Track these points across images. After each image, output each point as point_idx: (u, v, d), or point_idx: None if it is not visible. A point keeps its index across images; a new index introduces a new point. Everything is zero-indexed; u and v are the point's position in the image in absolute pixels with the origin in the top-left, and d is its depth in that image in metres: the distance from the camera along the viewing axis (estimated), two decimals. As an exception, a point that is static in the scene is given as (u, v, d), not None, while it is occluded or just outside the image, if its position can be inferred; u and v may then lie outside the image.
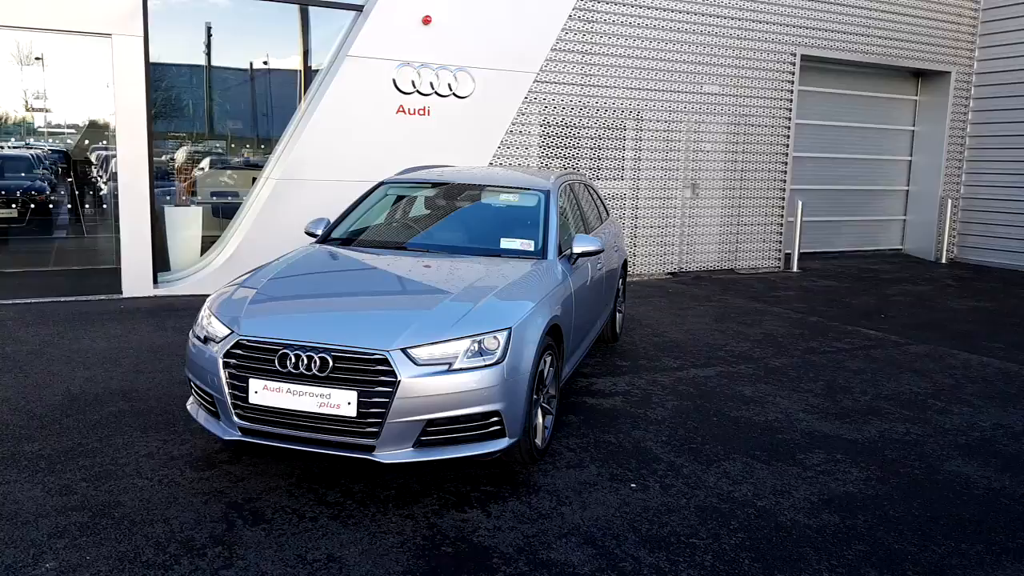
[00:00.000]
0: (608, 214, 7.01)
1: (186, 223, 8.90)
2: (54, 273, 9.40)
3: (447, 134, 8.95)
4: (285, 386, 3.58)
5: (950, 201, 13.02)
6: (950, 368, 6.45)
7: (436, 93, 8.89)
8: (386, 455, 3.57)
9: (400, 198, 5.55)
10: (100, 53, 7.74)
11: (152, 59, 7.80)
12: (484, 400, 3.64)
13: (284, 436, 3.65)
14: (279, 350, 3.61)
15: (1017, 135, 12.46)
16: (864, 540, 3.49)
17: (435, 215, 5.41)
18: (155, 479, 3.87)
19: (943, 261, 13.06)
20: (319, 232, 5.19)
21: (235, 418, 3.70)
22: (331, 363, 3.55)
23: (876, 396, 5.62)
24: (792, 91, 11.36)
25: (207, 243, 8.99)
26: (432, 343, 3.61)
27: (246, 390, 3.64)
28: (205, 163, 11.03)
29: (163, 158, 11.30)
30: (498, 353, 3.70)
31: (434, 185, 5.56)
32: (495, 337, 3.73)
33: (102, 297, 8.04)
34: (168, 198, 9.32)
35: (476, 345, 3.69)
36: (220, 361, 3.71)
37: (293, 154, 8.39)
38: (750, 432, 4.79)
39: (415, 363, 3.55)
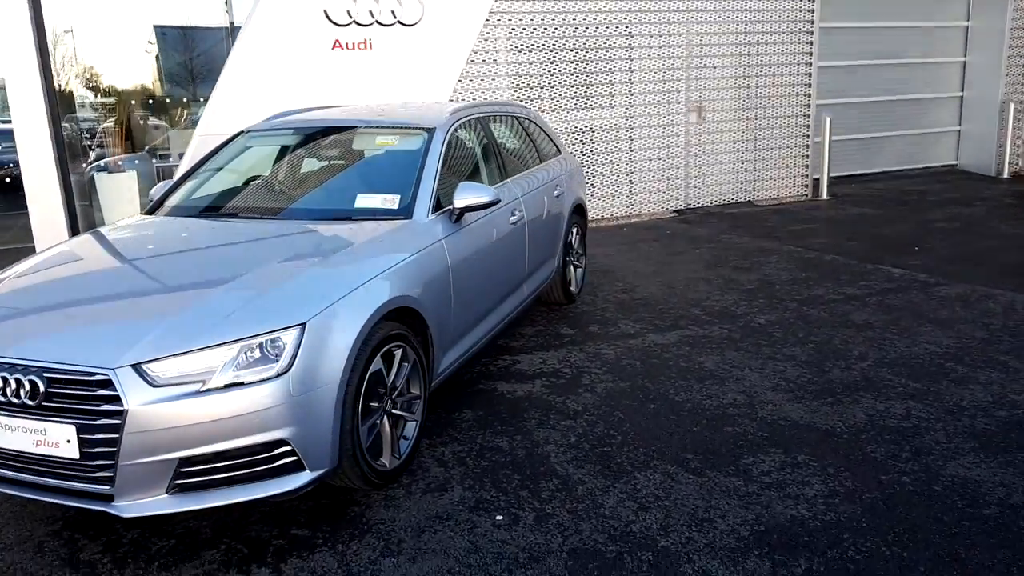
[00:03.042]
0: (560, 150, 5.83)
1: (120, 191, 8.09)
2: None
3: (394, 70, 7.80)
4: (-11, 419, 2.65)
5: (1012, 106, 11.19)
6: (986, 316, 5.13)
7: (377, 22, 7.71)
8: (130, 506, 2.62)
9: (260, 150, 4.50)
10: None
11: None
12: (260, 427, 2.64)
13: (5, 480, 2.75)
14: (-22, 371, 2.68)
15: (1092, 20, 10.54)
16: (796, 607, 2.40)
17: (291, 170, 4.34)
18: None
19: (1005, 176, 11.31)
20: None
21: (-48, 459, 2.81)
22: (42, 388, 2.60)
23: (878, 361, 4.40)
24: (813, -12, 9.74)
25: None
26: (177, 354, 2.61)
27: (-48, 422, 2.74)
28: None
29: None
30: (283, 360, 2.69)
31: (297, 131, 4.48)
32: (278, 338, 2.71)
33: (25, 280, 7.31)
34: (102, 164, 8.51)
35: (248, 352, 2.67)
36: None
37: (214, 106, 7.40)
38: (691, 424, 3.68)
39: (151, 384, 2.57)
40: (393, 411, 3.22)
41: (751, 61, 9.66)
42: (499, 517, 2.96)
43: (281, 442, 2.68)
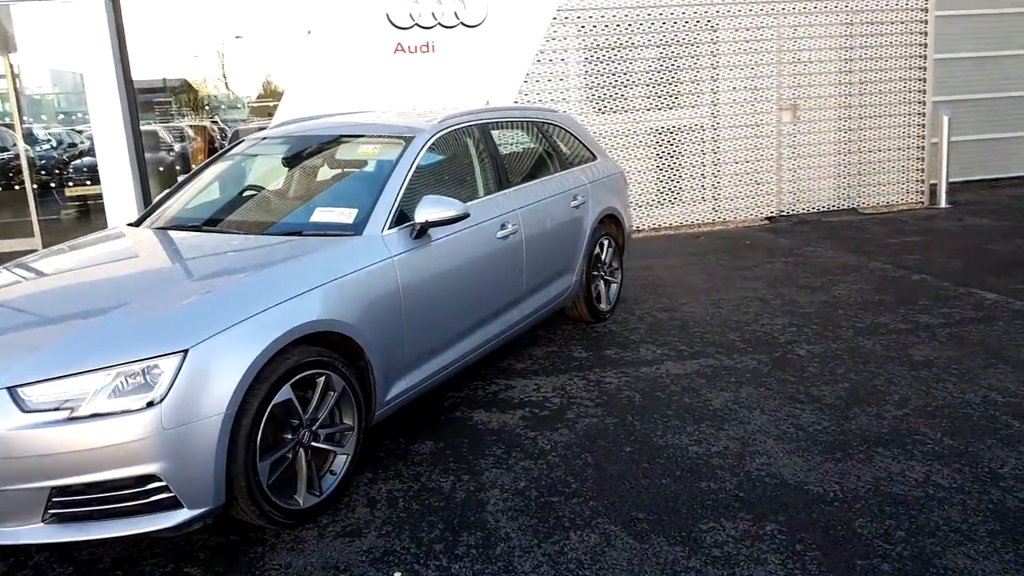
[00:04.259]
0: (595, 156, 5.43)
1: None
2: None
3: (456, 73, 7.63)
4: None
5: None
6: (1082, 356, 4.29)
7: (440, 24, 7.57)
8: (7, 532, 2.55)
9: (251, 160, 4.41)
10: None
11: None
12: (129, 460, 2.50)
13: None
14: None
15: None
16: None
17: (269, 181, 4.23)
18: None
19: None
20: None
21: None
22: (-71, 404, 2.58)
23: (919, 409, 3.74)
24: (933, -29, 8.71)
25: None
26: (52, 379, 2.51)
27: None
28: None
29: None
30: (158, 389, 2.53)
31: (287, 141, 4.35)
32: (156, 365, 2.56)
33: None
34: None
35: (128, 379, 2.54)
36: None
37: (283, 109, 7.52)
38: (662, 475, 3.24)
39: (23, 408, 2.48)
40: (313, 444, 3.01)
41: (854, 55, 8.79)
42: (397, 574, 2.68)
43: (152, 477, 2.53)
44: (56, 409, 2.49)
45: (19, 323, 2.93)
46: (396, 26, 7.50)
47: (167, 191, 4.30)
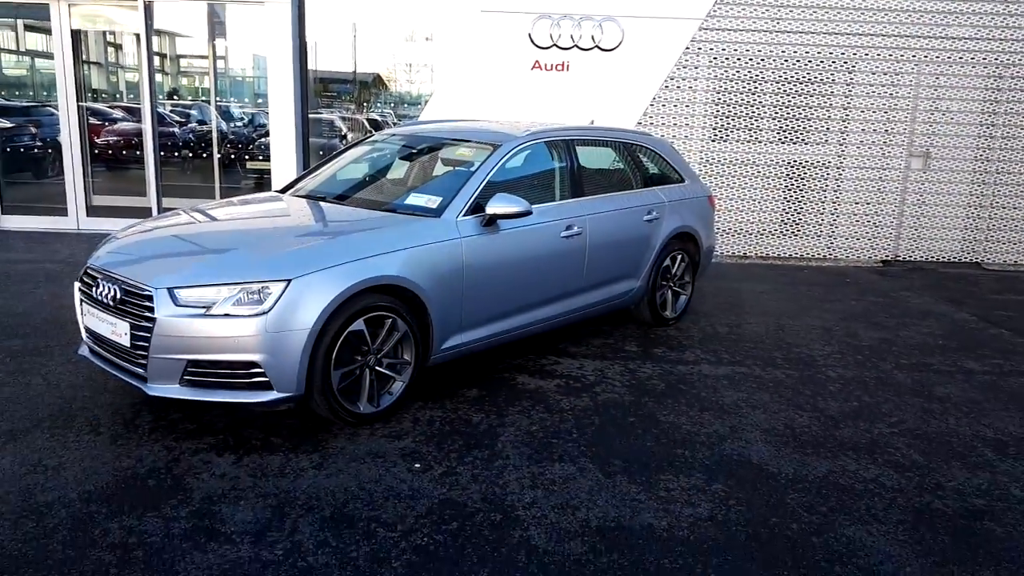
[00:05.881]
0: (683, 179, 6.06)
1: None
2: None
3: (587, 91, 8.43)
4: (94, 311, 3.88)
5: None
6: (1107, 415, 4.45)
7: (577, 47, 8.40)
8: (155, 388, 3.66)
9: (375, 152, 5.46)
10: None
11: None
12: (240, 348, 3.53)
13: (102, 356, 3.96)
14: (97, 278, 3.91)
15: None
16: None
17: (384, 169, 5.26)
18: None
19: None
20: (301, 180, 5.39)
21: (84, 337, 4.12)
22: (119, 295, 3.75)
23: (907, 431, 4.14)
24: (1095, 31, 8.49)
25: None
26: (197, 285, 3.60)
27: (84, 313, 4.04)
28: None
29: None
30: (267, 303, 3.55)
31: (405, 138, 5.37)
32: (267, 287, 3.58)
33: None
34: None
35: (248, 294, 3.58)
36: (77, 285, 4.13)
37: (429, 111, 8.63)
38: (649, 440, 3.90)
39: (175, 303, 3.58)
40: (377, 368, 3.94)
41: (999, 108, 8.71)
42: (417, 465, 3.55)
43: (254, 363, 3.55)
44: (197, 306, 3.57)
45: (183, 249, 4.10)
46: (536, 45, 8.40)
47: (309, 169, 5.42)
